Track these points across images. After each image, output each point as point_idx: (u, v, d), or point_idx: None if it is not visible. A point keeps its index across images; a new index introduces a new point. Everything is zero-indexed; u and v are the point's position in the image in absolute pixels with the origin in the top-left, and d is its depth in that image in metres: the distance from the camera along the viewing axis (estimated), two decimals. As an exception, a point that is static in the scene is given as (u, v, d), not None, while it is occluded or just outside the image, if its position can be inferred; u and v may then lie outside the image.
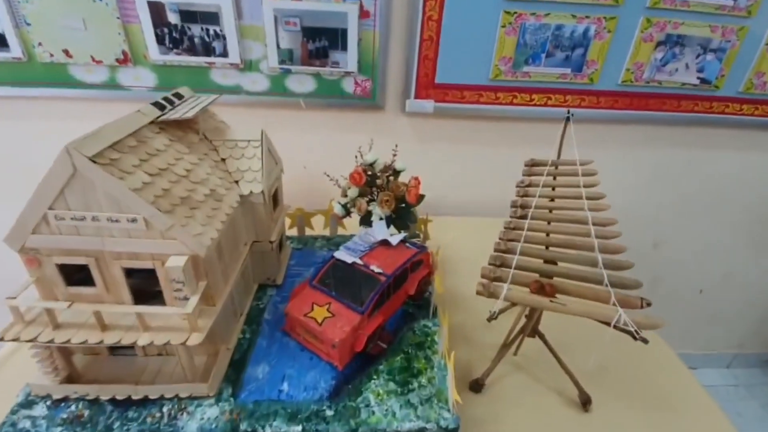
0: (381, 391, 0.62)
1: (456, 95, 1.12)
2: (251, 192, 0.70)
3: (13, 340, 0.52)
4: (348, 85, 1.10)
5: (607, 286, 0.59)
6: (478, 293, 0.64)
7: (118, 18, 0.99)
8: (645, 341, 0.55)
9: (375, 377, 0.64)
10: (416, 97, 1.11)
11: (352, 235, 1.03)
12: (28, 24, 0.99)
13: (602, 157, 1.18)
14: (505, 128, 1.20)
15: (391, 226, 0.86)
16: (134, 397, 0.58)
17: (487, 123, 1.18)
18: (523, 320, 0.72)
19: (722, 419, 0.70)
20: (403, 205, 0.87)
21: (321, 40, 1.02)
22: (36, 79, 1.07)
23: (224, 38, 1.01)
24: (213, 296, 0.60)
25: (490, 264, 0.67)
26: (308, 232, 1.02)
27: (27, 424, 0.55)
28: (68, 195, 0.50)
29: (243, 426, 0.56)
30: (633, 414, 0.70)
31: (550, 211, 0.71)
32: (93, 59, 1.04)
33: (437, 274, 0.77)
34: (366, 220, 0.91)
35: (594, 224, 0.65)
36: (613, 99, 1.15)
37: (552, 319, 0.71)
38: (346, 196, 0.91)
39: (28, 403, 0.58)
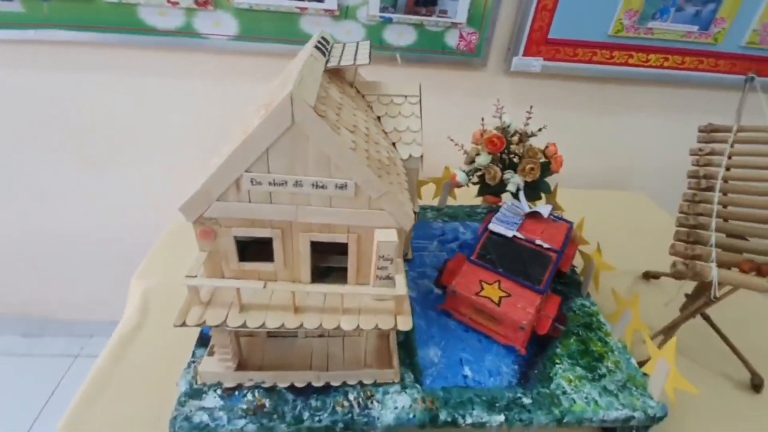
0: (572, 377, 0.57)
1: (568, 53, 1.02)
2: (410, 156, 0.61)
3: (198, 325, 0.45)
4: (452, 39, 0.99)
5: (827, 265, 0.54)
6: (678, 275, 0.58)
7: (202, -50, 0.85)
8: None
9: (558, 362, 0.59)
10: (525, 54, 1.01)
11: (462, 206, 0.97)
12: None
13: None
14: (614, 92, 1.11)
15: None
16: (315, 384, 0.52)
17: (596, 85, 1.09)
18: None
19: None
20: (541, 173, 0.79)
21: (432, -15, 0.90)
22: (99, 22, 0.93)
23: (323, -21, 0.88)
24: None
25: (679, 240, 0.61)
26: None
27: (204, 417, 0.49)
28: (273, 155, 0.41)
29: (442, 416, 0.51)
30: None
31: (743, 183, 0.64)
32: (168, 0, 0.91)
33: (595, 255, 0.70)
34: (489, 190, 0.84)
35: (798, 197, 0.59)
36: (731, 62, 1.06)
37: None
38: (472, 162, 0.82)
39: (195, 393, 0.51)
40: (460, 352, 0.59)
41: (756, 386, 0.66)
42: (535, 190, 0.81)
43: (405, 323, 0.47)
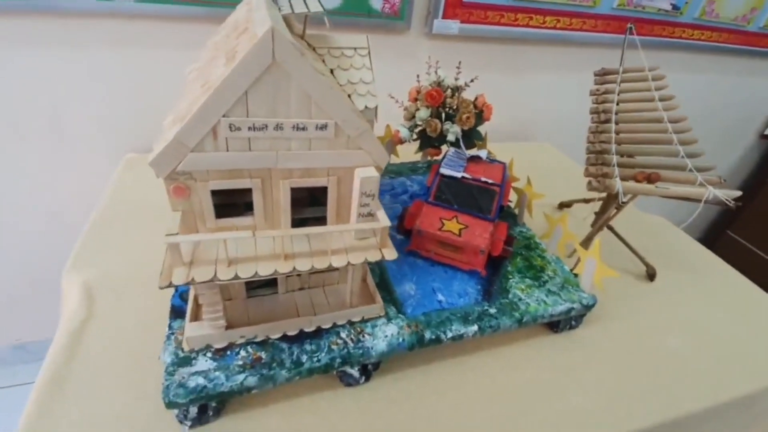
0: (523, 287, 0.67)
1: (480, 16, 1.11)
2: (366, 107, 0.64)
3: (186, 283, 0.43)
4: (377, 2, 1.02)
5: (691, 171, 0.71)
6: (593, 189, 0.71)
7: None
8: (735, 207, 0.67)
9: (510, 277, 0.69)
10: (444, 16, 1.08)
11: (404, 163, 1.02)
12: None
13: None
14: (519, 52, 1.24)
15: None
16: (307, 330, 0.54)
17: (505, 46, 1.21)
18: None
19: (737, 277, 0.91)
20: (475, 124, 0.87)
21: (354, -55, 0.91)
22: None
23: (240, -67, 0.83)
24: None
25: (591, 165, 0.74)
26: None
27: (199, 380, 0.47)
28: (252, 97, 0.40)
29: (427, 335, 0.57)
30: (690, 281, 0.86)
31: (628, 114, 0.79)
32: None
33: (525, 186, 0.81)
34: (430, 143, 0.90)
35: (669, 122, 0.75)
36: (608, 22, 1.26)
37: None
38: (412, 118, 0.88)
39: (182, 361, 0.49)
40: (431, 282, 0.65)
41: (650, 276, 0.84)
42: (469, 138, 0.90)
43: (391, 253, 0.51)
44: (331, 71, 0.62)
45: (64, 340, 0.58)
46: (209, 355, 0.50)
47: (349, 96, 0.62)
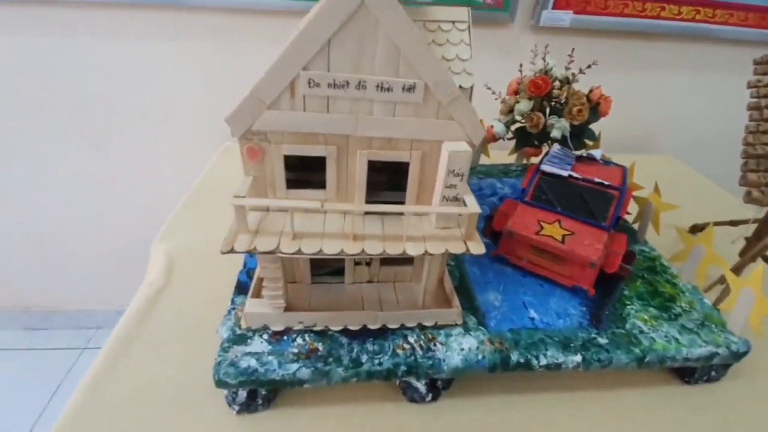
0: (647, 317, 0.52)
1: (599, 5, 0.98)
2: (460, 86, 0.57)
3: (248, 251, 0.39)
4: (479, -8, 0.95)
5: None
6: (754, 201, 0.54)
7: None
8: None
9: (628, 303, 0.55)
10: (555, 6, 0.97)
11: (495, 165, 0.92)
12: None
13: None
14: (647, 48, 1.07)
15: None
16: (371, 327, 0.47)
17: (628, 41, 1.05)
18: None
19: None
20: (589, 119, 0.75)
21: (460, -69, 0.86)
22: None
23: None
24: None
25: (750, 170, 0.57)
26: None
27: (252, 362, 0.43)
28: (336, 47, 0.36)
29: (514, 357, 0.46)
30: None
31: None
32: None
33: (651, 195, 0.66)
34: (530, 140, 0.79)
35: None
36: (763, 16, 1.03)
37: None
38: (510, 112, 0.78)
39: (239, 338, 0.46)
40: (522, 295, 0.55)
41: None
42: (579, 138, 0.77)
43: (478, 247, 0.42)
44: (425, 46, 0.56)
45: (141, 303, 0.59)
46: (266, 337, 0.46)
47: (442, 74, 0.56)
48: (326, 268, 0.53)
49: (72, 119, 1.05)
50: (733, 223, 0.73)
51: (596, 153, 0.68)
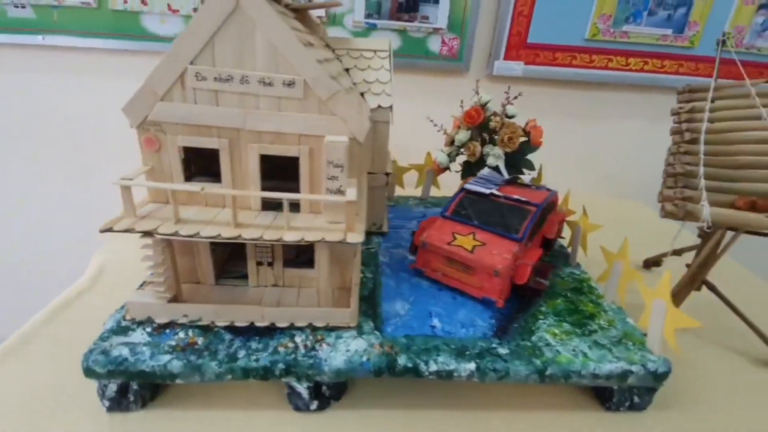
0: (557, 331, 0.50)
1: (548, 57, 1.05)
2: (379, 106, 0.61)
3: (126, 230, 0.41)
4: (434, 44, 1.04)
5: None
6: (668, 214, 0.53)
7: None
8: None
9: (541, 318, 0.52)
10: (506, 57, 1.05)
11: (446, 197, 0.93)
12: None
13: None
14: (596, 97, 1.12)
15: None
16: (258, 324, 0.46)
17: (578, 91, 1.11)
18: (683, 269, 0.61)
19: None
20: (520, 149, 0.77)
21: (413, -9, 0.97)
22: (104, 29, 1.00)
23: (312, -14, 0.95)
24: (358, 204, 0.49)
25: (668, 187, 0.57)
26: (398, 192, 0.91)
27: (124, 351, 0.42)
28: (219, 44, 0.40)
29: (401, 361, 0.44)
30: None
31: (724, 134, 0.61)
32: (169, 8, 0.98)
33: (581, 220, 0.65)
34: (472, 171, 0.81)
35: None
36: (712, 66, 1.08)
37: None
38: (451, 144, 0.81)
39: (122, 330, 0.45)
40: (431, 306, 0.53)
41: (782, 365, 0.56)
42: (516, 167, 0.79)
43: (355, 237, 0.42)
44: (347, 70, 0.61)
45: (56, 304, 0.59)
46: (149, 329, 0.45)
47: (362, 94, 0.60)
48: (234, 273, 0.53)
49: (69, 150, 1.14)
50: (677, 253, 0.71)
51: (524, 178, 0.69)
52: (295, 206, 0.48)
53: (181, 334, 0.45)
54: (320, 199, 0.44)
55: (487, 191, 0.63)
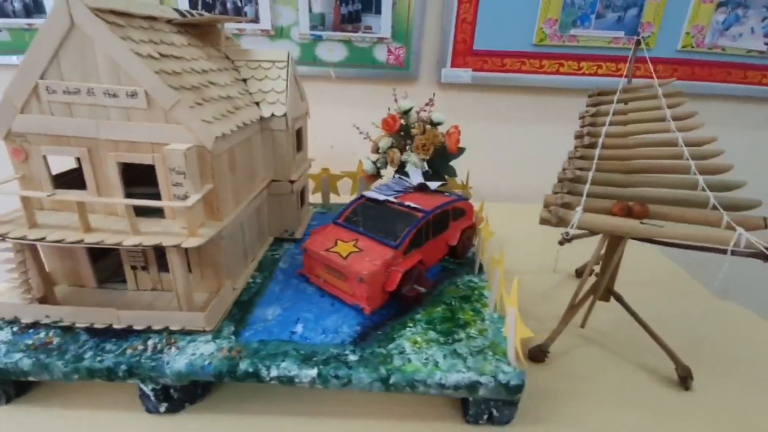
0: (419, 339, 0.49)
1: (496, 63, 1.04)
2: (273, 114, 0.62)
3: (-20, 235, 0.43)
4: (381, 54, 1.05)
5: (716, 208, 0.46)
6: (542, 220, 0.51)
7: (154, -17, 0.99)
8: (785, 263, 0.40)
9: (411, 325, 0.51)
10: (453, 65, 1.04)
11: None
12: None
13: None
14: (549, 102, 1.10)
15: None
16: (116, 326, 0.47)
17: (529, 96, 1.09)
18: (592, 280, 0.58)
19: None
20: (442, 155, 0.76)
21: (354, 3, 0.99)
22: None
23: (256, 2, 0.99)
24: (219, 209, 0.50)
25: (554, 193, 0.55)
26: (333, 199, 0.92)
27: (-17, 348, 0.45)
28: (63, 59, 0.43)
29: (243, 365, 0.44)
30: (746, 395, 0.52)
31: (625, 138, 0.59)
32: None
33: (484, 227, 0.64)
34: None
35: (688, 145, 0.53)
36: (672, 68, 1.04)
37: (625, 289, 0.58)
38: (377, 152, 0.82)
39: (-8, 329, 0.48)
40: (303, 312, 0.53)
41: (682, 378, 0.53)
42: (437, 172, 0.78)
43: (191, 241, 0.43)
44: (245, 80, 0.63)
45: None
46: (15, 329, 0.48)
47: (257, 103, 0.62)
48: (120, 277, 0.55)
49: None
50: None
51: (432, 183, 0.68)
52: (160, 212, 0.50)
53: (42, 334, 0.47)
54: (161, 205, 0.45)
55: (383, 198, 0.63)
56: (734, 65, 1.04)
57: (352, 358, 0.46)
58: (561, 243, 0.47)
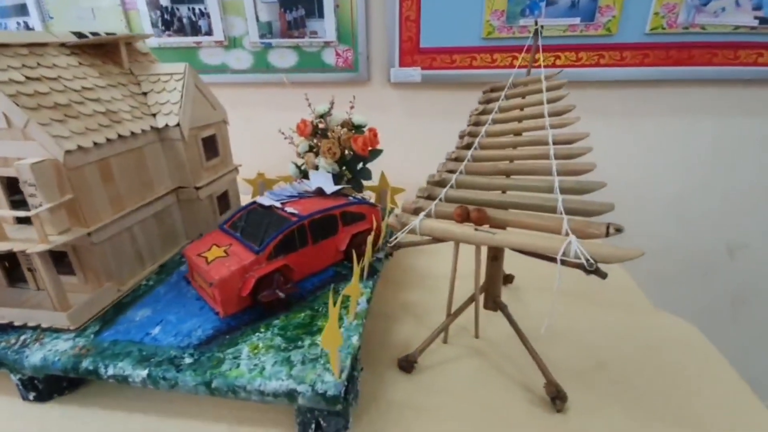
0: (260, 345, 0.49)
1: (445, 60, 1.01)
2: (167, 125, 0.65)
3: None
4: (329, 57, 1.06)
5: (561, 213, 0.42)
6: (389, 226, 0.50)
7: (119, 5, 1.07)
8: (602, 275, 0.36)
9: (262, 330, 0.52)
10: (401, 64, 1.03)
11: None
12: (51, 18, 1.11)
13: (635, 131, 0.99)
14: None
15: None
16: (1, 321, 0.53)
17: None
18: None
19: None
20: (351, 158, 0.76)
21: (298, 9, 1.00)
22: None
23: (208, 16, 1.04)
24: (86, 218, 0.54)
25: (417, 197, 0.53)
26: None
27: None
28: (-66, 87, 0.48)
29: (85, 363, 0.47)
30: (629, 424, 0.47)
31: (499, 138, 0.55)
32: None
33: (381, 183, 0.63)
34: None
35: (557, 143, 0.49)
36: (642, 53, 0.95)
37: (535, 301, 0.54)
38: (299, 156, 0.83)
39: None
40: (169, 314, 0.55)
41: (554, 399, 0.49)
42: (356, 177, 0.78)
43: (39, 247, 0.47)
44: (144, 93, 0.67)
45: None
46: None
47: (154, 115, 0.66)
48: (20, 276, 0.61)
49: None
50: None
51: (328, 188, 0.68)
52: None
53: (-61, 329, 0.53)
54: (13, 215, 0.50)
55: (269, 203, 0.64)
56: (721, 45, 0.93)
57: (187, 361, 0.47)
58: (389, 254, 0.45)
